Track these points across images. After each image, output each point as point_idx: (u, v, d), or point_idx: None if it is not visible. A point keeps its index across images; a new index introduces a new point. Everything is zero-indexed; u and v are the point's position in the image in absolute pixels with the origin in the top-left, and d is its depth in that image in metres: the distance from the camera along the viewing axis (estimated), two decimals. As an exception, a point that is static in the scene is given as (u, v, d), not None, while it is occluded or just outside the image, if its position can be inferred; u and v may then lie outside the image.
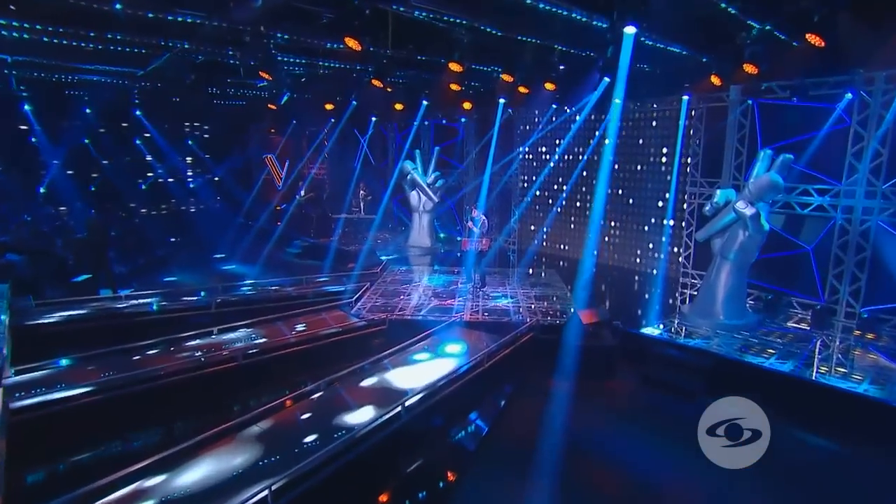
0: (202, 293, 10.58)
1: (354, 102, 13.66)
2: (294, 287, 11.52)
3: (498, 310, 10.09)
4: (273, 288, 11.40)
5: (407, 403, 6.55)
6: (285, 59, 10.65)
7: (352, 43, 7.78)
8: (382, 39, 9.75)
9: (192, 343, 8.27)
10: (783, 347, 8.49)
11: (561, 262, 14.06)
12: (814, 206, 9.55)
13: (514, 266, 14.04)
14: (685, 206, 11.43)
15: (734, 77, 9.19)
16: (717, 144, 10.65)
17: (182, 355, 7.82)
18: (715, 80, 9.44)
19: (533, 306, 10.30)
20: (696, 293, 10.60)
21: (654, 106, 12.16)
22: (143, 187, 16.88)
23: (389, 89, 13.32)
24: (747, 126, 10.19)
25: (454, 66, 9.26)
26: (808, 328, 9.33)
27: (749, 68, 8.20)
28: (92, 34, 8.38)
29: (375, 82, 10.65)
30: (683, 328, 9.38)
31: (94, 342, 7.83)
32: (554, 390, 7.74)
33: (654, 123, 12.33)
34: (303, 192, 18.24)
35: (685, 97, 11.00)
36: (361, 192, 17.14)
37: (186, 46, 9.27)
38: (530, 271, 13.10)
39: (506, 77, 10.74)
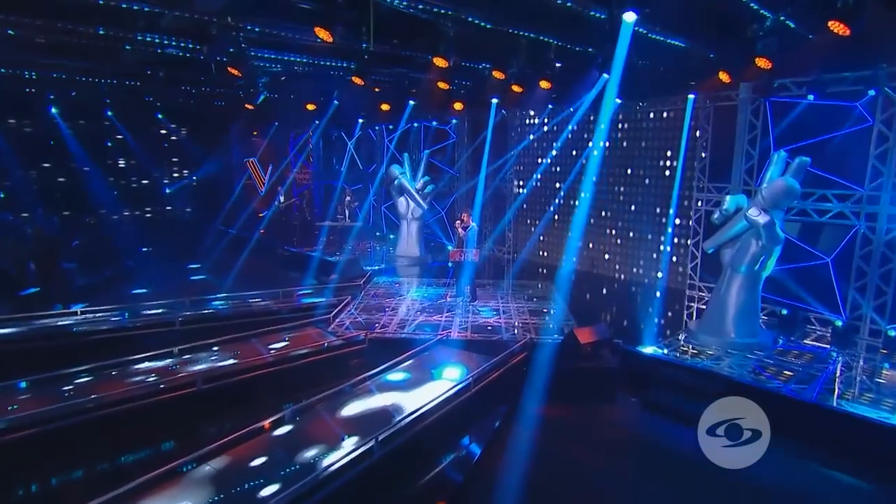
0: (166, 308, 10.02)
1: (336, 102, 13.11)
2: (268, 301, 10.97)
3: (488, 327, 9.58)
4: (245, 302, 10.86)
5: (381, 437, 5.98)
6: (259, 54, 10.15)
7: (322, 34, 7.27)
8: (363, 34, 9.33)
9: (147, 366, 7.69)
10: (801, 370, 7.94)
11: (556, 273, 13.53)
12: (833, 213, 9.05)
13: (508, 277, 13.55)
14: (691, 213, 10.99)
15: (744, 73, 8.70)
16: (726, 147, 10.17)
17: (132, 380, 7.25)
18: (723, 76, 8.95)
19: (527, 322, 9.78)
20: (704, 308, 10.10)
21: (657, 106, 11.72)
22: (115, 192, 16.38)
23: (377, 89, 13.00)
24: (759, 127, 9.73)
25: (439, 62, 8.75)
26: (829, 347, 8.81)
27: (761, 63, 7.70)
28: (38, 23, 7.84)
29: (356, 80, 10.15)
30: (690, 347, 8.86)
31: (32, 365, 7.20)
32: (548, 418, 7.27)
33: (656, 124, 11.88)
34: (282, 198, 17.71)
35: (691, 96, 10.59)
36: (347, 197, 16.67)
37: (148, 39, 8.75)
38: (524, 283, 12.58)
39: (497, 74, 10.24)
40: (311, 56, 10.63)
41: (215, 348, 8.39)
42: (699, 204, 10.84)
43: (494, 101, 12.82)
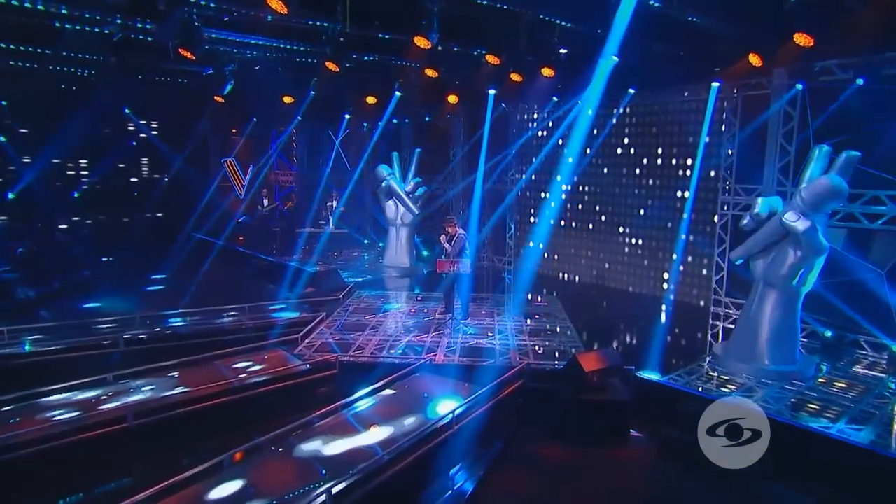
0: (112, 326, 9.36)
1: (312, 93, 12.45)
2: (231, 318, 10.25)
3: (480, 349, 8.82)
4: (204, 319, 10.15)
5: (335, 489, 5.18)
6: (220, 36, 9.48)
7: (275, 4, 6.52)
8: (338, 14, 8.68)
9: (70, 397, 6.90)
10: (852, 405, 7.04)
11: (565, 286, 13.18)
12: (886, 219, 8.23)
13: (507, 291, 12.84)
14: (716, 218, 10.30)
15: (779, 55, 7.97)
16: (757, 142, 9.45)
17: (52, 415, 6.46)
18: (754, 59, 8.23)
19: (525, 344, 9.00)
20: (732, 328, 9.31)
21: (676, 96, 11.14)
22: (76, 195, 15.80)
23: (364, 83, 12.36)
24: (796, 117, 8.96)
25: (421, 42, 8.01)
26: (885, 376, 7.95)
27: (801, 39, 6.91)
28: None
29: (330, 66, 9.47)
30: (716, 375, 8.04)
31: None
32: (546, 460, 6.63)
33: (675, 118, 11.32)
34: (265, 201, 17.08)
35: (715, 84, 9.85)
36: (333, 202, 16.04)
37: (87, 16, 8.10)
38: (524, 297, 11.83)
39: (491, 59, 9.52)
40: (281, 40, 9.99)
41: (157, 375, 7.64)
42: (725, 208, 10.14)
43: (492, 92, 12.17)
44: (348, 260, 16.10)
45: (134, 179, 17.11)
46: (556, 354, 8.55)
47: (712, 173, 10.61)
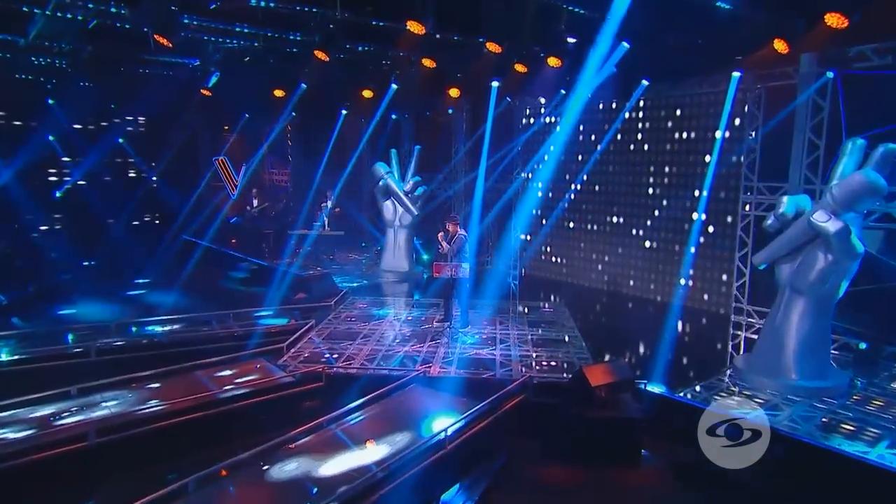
0: (85, 334, 9.04)
1: (303, 85, 12.18)
2: (213, 325, 9.95)
3: (479, 360, 8.51)
4: (184, 327, 9.87)
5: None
6: (203, 24, 9.20)
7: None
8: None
9: (29, 413, 6.55)
10: (893, 427, 6.59)
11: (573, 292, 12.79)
12: (928, 220, 7.82)
13: (511, 298, 12.55)
14: (737, 219, 10.02)
15: (807, 40, 7.63)
16: (782, 136, 9.09)
17: (5, 432, 6.12)
18: (779, 45, 7.90)
19: (528, 355, 8.68)
20: (755, 339, 8.92)
21: (694, 88, 10.87)
22: (58, 195, 15.61)
23: (359, 75, 12.09)
24: (826, 109, 8.59)
25: (414, 27, 7.68)
26: (924, 393, 7.49)
27: (833, 20, 6.51)
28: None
29: (319, 55, 9.17)
30: (737, 390, 7.65)
31: None
32: (549, 484, 6.37)
33: (692, 111, 11.08)
34: (255, 202, 16.85)
35: (735, 73, 9.50)
36: (327, 202, 15.76)
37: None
38: (523, 309, 11.47)
39: (492, 47, 9.18)
40: (269, 28, 9.71)
41: (126, 388, 7.31)
42: (748, 208, 9.85)
43: (495, 84, 11.86)
44: (343, 263, 15.89)
45: (119, 178, 16.86)
46: (566, 366, 8.25)
47: (733, 171, 10.31)
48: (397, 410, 7.15)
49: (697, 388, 7.70)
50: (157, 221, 16.82)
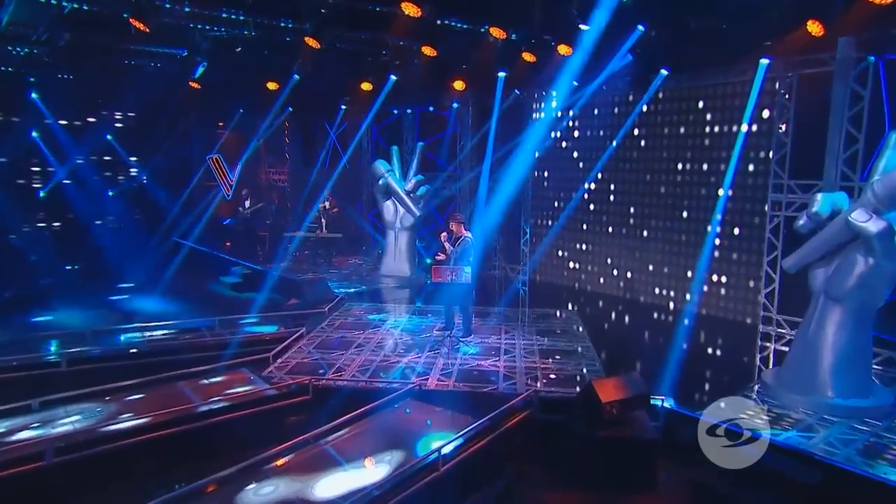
0: (58, 342, 8.93)
1: (296, 77, 11.99)
2: (197, 333, 9.76)
3: (481, 372, 8.26)
4: (166, 335, 9.71)
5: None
6: (184, 9, 8.99)
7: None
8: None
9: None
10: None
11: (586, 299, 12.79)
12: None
13: (521, 304, 12.39)
14: (766, 220, 9.73)
15: (845, 22, 7.32)
16: (816, 129, 8.75)
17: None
18: (813, 27, 7.62)
19: (534, 366, 8.40)
20: (786, 350, 8.62)
21: (718, 77, 10.55)
22: (42, 194, 15.54)
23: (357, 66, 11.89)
24: (866, 98, 8.22)
25: (409, 9, 7.39)
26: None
27: (874, -5, 6.12)
28: None
29: (311, 42, 8.92)
30: (766, 409, 7.24)
31: None
32: None
33: (716, 103, 10.81)
34: (247, 203, 16.72)
35: (764, 60, 9.21)
36: (326, 203, 15.56)
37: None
38: (530, 317, 11.23)
39: (496, 32, 8.88)
40: (258, 15, 9.49)
41: (93, 400, 7.08)
42: (777, 208, 9.57)
43: (502, 74, 11.63)
44: (341, 267, 15.71)
45: (106, 177, 16.76)
46: (578, 379, 7.99)
47: (761, 168, 10.02)
48: (388, 427, 6.96)
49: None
50: (147, 223, 16.65)
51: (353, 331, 10.18)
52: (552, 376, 8.07)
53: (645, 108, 11.61)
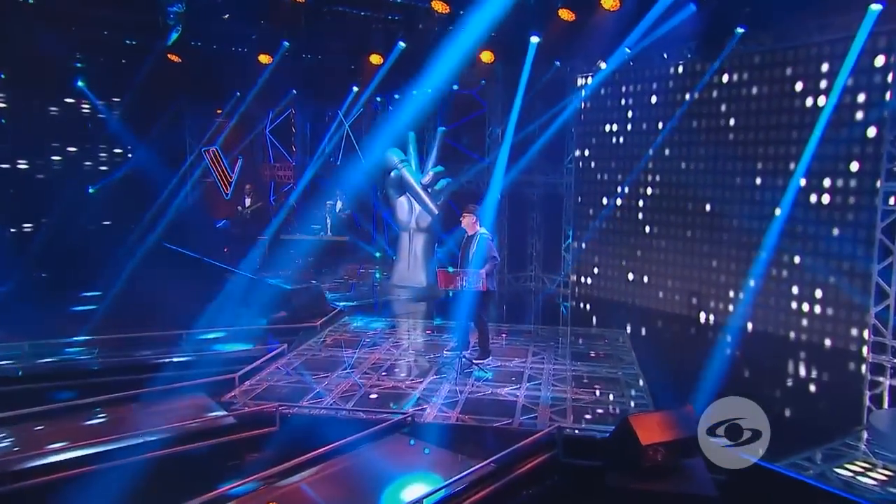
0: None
1: (286, 44, 12.14)
2: (159, 348, 9.58)
3: (496, 403, 7.85)
4: (121, 349, 9.50)
5: None
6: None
7: None
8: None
9: None
10: None
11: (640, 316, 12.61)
12: None
13: (561, 321, 12.38)
14: (876, 217, 9.19)
15: None
16: None
17: None
18: None
19: (564, 396, 7.98)
20: None
21: (809, 35, 9.99)
22: (12, 192, 15.80)
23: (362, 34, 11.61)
24: None
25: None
26: None
27: None
28: None
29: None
30: (877, 463, 6.55)
31: None
32: None
33: (806, 69, 10.28)
34: (247, 201, 16.76)
35: (875, 6, 8.59)
36: (335, 203, 15.53)
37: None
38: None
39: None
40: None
41: (11, 427, 6.90)
42: (891, 201, 9.05)
43: (534, 40, 11.28)
44: (346, 277, 15.70)
45: (83, 170, 17.00)
46: (617, 412, 7.58)
47: (868, 151, 9.38)
48: (369, 468, 6.62)
49: (818, 458, 6.60)
50: (128, 224, 16.78)
51: (347, 349, 9.95)
52: (587, 411, 7.58)
53: (715, 77, 11.16)
